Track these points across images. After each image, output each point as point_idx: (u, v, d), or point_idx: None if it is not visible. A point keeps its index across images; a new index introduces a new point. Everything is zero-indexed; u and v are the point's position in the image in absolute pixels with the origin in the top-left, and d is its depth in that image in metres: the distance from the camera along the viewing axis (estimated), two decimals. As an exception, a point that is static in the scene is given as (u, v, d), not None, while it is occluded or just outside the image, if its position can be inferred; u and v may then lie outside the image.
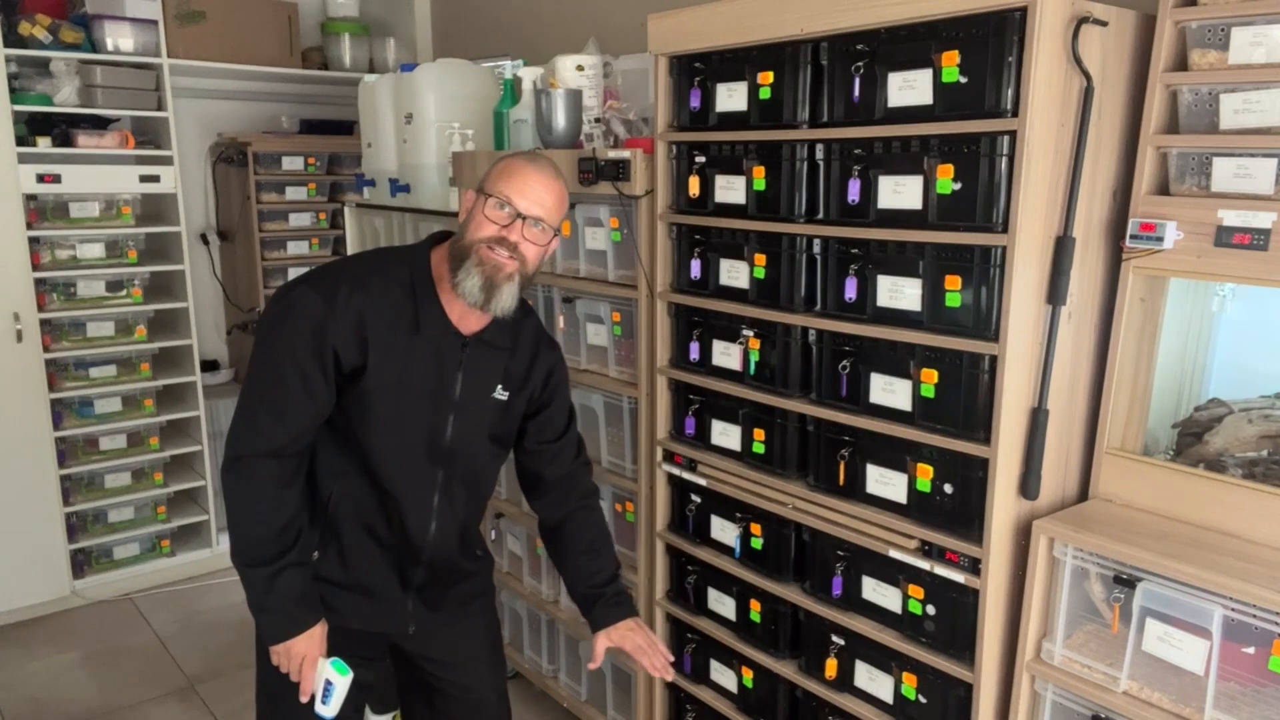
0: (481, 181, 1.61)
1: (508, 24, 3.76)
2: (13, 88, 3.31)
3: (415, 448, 1.67)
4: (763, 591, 2.14)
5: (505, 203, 1.56)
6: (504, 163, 1.61)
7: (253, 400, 1.59)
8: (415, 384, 1.63)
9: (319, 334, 1.54)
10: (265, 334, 1.60)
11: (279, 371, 1.56)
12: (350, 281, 1.58)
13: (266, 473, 1.58)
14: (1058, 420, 1.71)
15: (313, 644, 1.63)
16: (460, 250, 1.59)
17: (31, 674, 3.23)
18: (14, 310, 3.37)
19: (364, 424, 1.63)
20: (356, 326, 1.56)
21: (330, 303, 1.55)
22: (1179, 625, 1.50)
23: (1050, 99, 1.55)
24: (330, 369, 1.57)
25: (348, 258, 1.72)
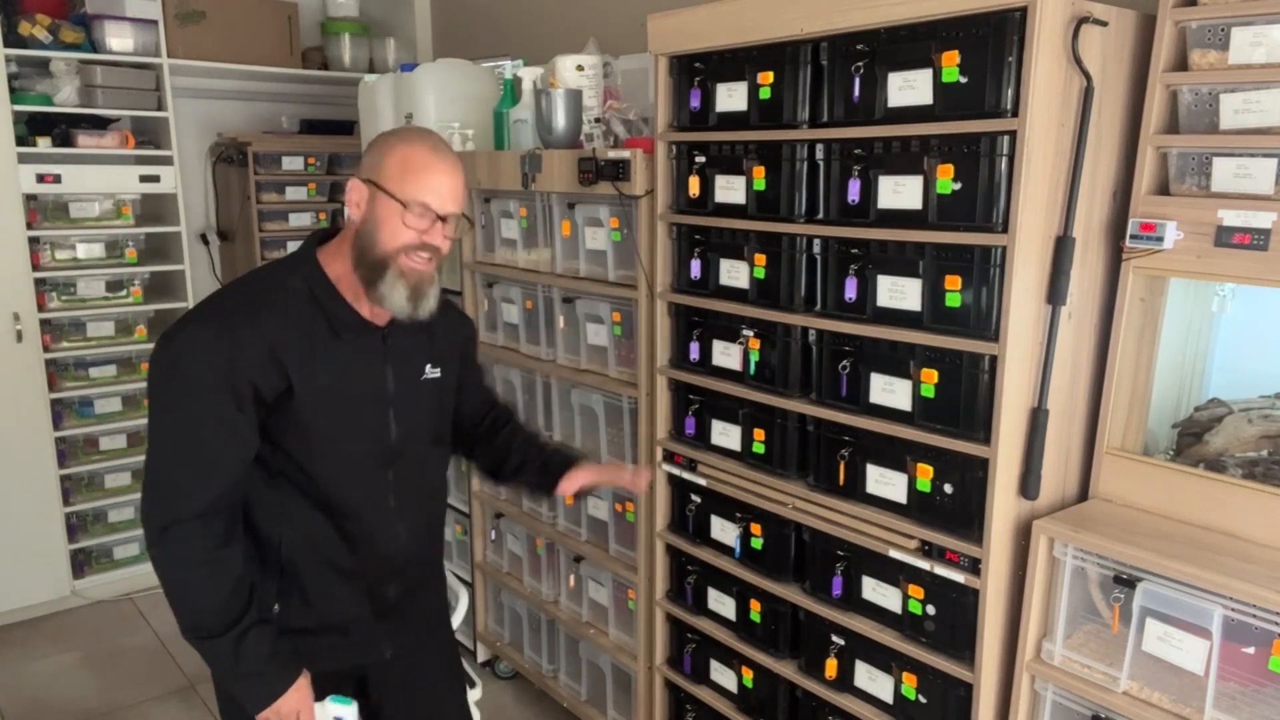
0: (378, 177, 1.47)
1: (508, 24, 3.76)
2: (13, 88, 3.31)
3: (363, 458, 1.58)
4: (763, 591, 2.14)
5: (423, 210, 1.47)
6: (403, 155, 1.47)
7: (167, 460, 1.45)
8: (348, 391, 1.54)
9: (228, 371, 1.42)
10: (164, 386, 1.45)
11: (191, 423, 1.43)
12: (244, 307, 1.47)
13: (200, 536, 1.44)
14: (1058, 420, 1.71)
15: (302, 696, 1.53)
16: (375, 262, 1.48)
17: (31, 674, 3.23)
18: (14, 310, 3.37)
19: (306, 449, 1.52)
20: (268, 351, 1.45)
21: (231, 336, 1.42)
22: (1179, 625, 1.50)
23: (1050, 99, 1.55)
24: (250, 405, 1.45)
25: (226, 286, 1.57)
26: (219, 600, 1.45)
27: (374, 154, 1.51)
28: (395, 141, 1.50)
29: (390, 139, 1.52)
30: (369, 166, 1.50)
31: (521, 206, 2.69)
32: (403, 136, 1.52)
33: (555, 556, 2.81)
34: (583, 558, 2.68)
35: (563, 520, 2.76)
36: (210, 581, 1.45)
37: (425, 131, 1.56)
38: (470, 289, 2.95)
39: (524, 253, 2.73)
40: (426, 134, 1.54)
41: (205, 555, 1.45)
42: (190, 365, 1.43)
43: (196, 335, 1.44)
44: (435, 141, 1.52)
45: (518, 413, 1.94)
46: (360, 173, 1.51)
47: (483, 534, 3.13)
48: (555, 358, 2.65)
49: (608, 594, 2.62)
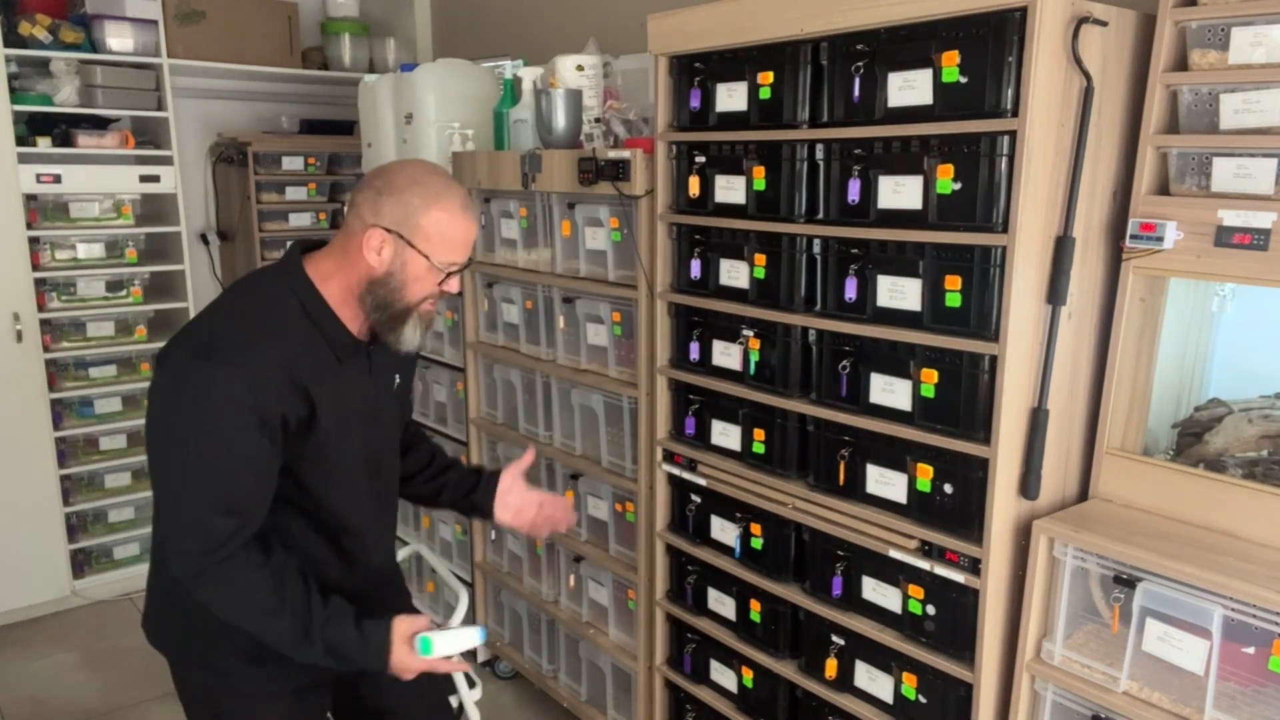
0: (410, 235, 1.45)
1: (508, 24, 3.76)
2: (13, 88, 3.31)
3: (359, 474, 1.59)
4: (763, 591, 2.14)
5: (449, 267, 1.49)
6: (439, 218, 1.46)
7: (195, 502, 1.40)
8: (350, 411, 1.54)
9: (256, 410, 1.39)
10: (180, 426, 1.40)
11: (220, 466, 1.39)
12: (255, 337, 1.43)
13: (241, 566, 1.42)
14: (1058, 420, 1.71)
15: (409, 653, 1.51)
16: (399, 313, 1.50)
17: (31, 674, 3.23)
18: (14, 310, 3.37)
19: (320, 472, 1.52)
20: (290, 381, 1.43)
21: (249, 373, 1.38)
22: (1179, 625, 1.50)
23: (1050, 99, 1.55)
24: (279, 437, 1.43)
25: (221, 306, 1.52)
26: (286, 607, 1.44)
27: (399, 205, 1.45)
28: (427, 196, 1.46)
29: (418, 193, 1.46)
30: (396, 218, 1.45)
31: (521, 206, 2.69)
32: (434, 191, 1.46)
33: (555, 556, 2.81)
34: (583, 558, 2.68)
35: (563, 520, 2.76)
36: (270, 599, 1.43)
37: (449, 181, 1.51)
38: (470, 289, 2.95)
39: (524, 253, 2.73)
40: (452, 185, 1.50)
41: (251, 581, 1.43)
42: (212, 407, 1.37)
43: (213, 375, 1.38)
44: (463, 196, 1.51)
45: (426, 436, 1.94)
46: (382, 221, 1.45)
47: (483, 534, 3.13)
48: (555, 358, 2.65)
49: (608, 594, 2.62)
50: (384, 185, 1.47)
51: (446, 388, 3.19)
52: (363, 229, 1.46)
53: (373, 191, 1.47)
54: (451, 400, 3.18)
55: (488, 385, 2.99)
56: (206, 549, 1.40)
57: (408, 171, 1.49)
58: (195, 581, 1.43)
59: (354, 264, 1.49)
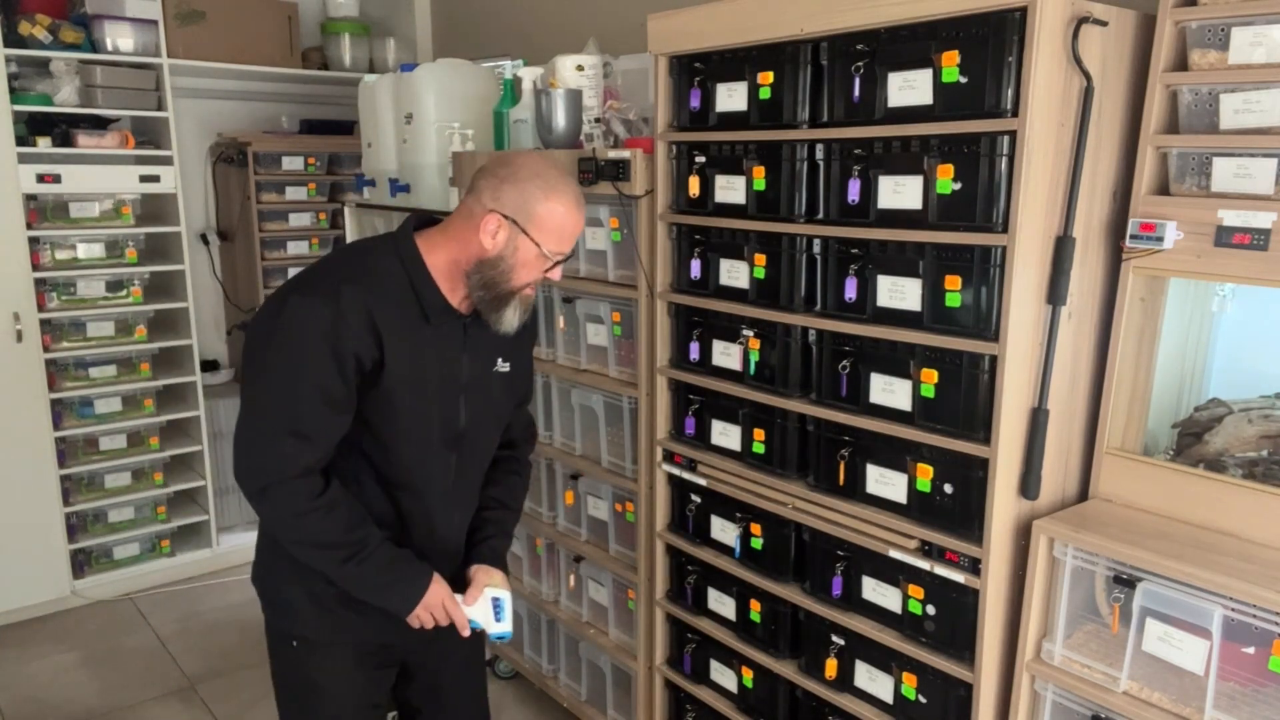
0: (526, 223, 1.55)
1: (508, 24, 3.76)
2: (13, 88, 3.31)
3: (434, 439, 1.65)
4: (763, 591, 2.14)
5: (556, 256, 1.59)
6: (554, 209, 1.55)
7: (270, 422, 1.51)
8: (428, 373, 1.61)
9: (334, 341, 1.49)
10: (269, 350, 1.52)
11: (296, 390, 1.49)
12: (348, 280, 1.53)
13: (303, 493, 1.52)
14: (1058, 420, 1.71)
15: (440, 589, 1.63)
16: (505, 294, 1.58)
17: (31, 674, 3.23)
18: (14, 310, 3.37)
19: (388, 423, 1.59)
20: (368, 323, 1.52)
21: (335, 306, 1.49)
22: (1179, 625, 1.50)
23: (1050, 99, 1.55)
24: (351, 376, 1.52)
25: (328, 257, 1.65)
26: (338, 536, 1.54)
27: (520, 194, 1.54)
28: (546, 189, 1.55)
29: (539, 184, 1.55)
30: (515, 206, 1.54)
31: (521, 206, 2.68)
32: (553, 184, 1.56)
33: (555, 556, 2.81)
34: (583, 558, 2.68)
35: (563, 520, 2.76)
36: (323, 524, 1.53)
37: (568, 177, 1.60)
38: (470, 289, 2.95)
39: (524, 253, 2.72)
40: (570, 182, 1.59)
41: (310, 505, 1.52)
42: (298, 333, 1.48)
43: (303, 304, 1.49)
44: (578, 192, 1.60)
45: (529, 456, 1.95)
46: (502, 207, 1.54)
47: (483, 534, 3.13)
48: (555, 358, 2.65)
49: (608, 594, 2.62)
50: (508, 174, 1.56)
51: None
52: (482, 212, 1.55)
53: (496, 179, 1.56)
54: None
55: (488, 385, 2.98)
56: (273, 467, 1.50)
57: (531, 165, 1.58)
58: (259, 497, 1.53)
59: (466, 243, 1.57)
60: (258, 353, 1.55)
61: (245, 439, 1.55)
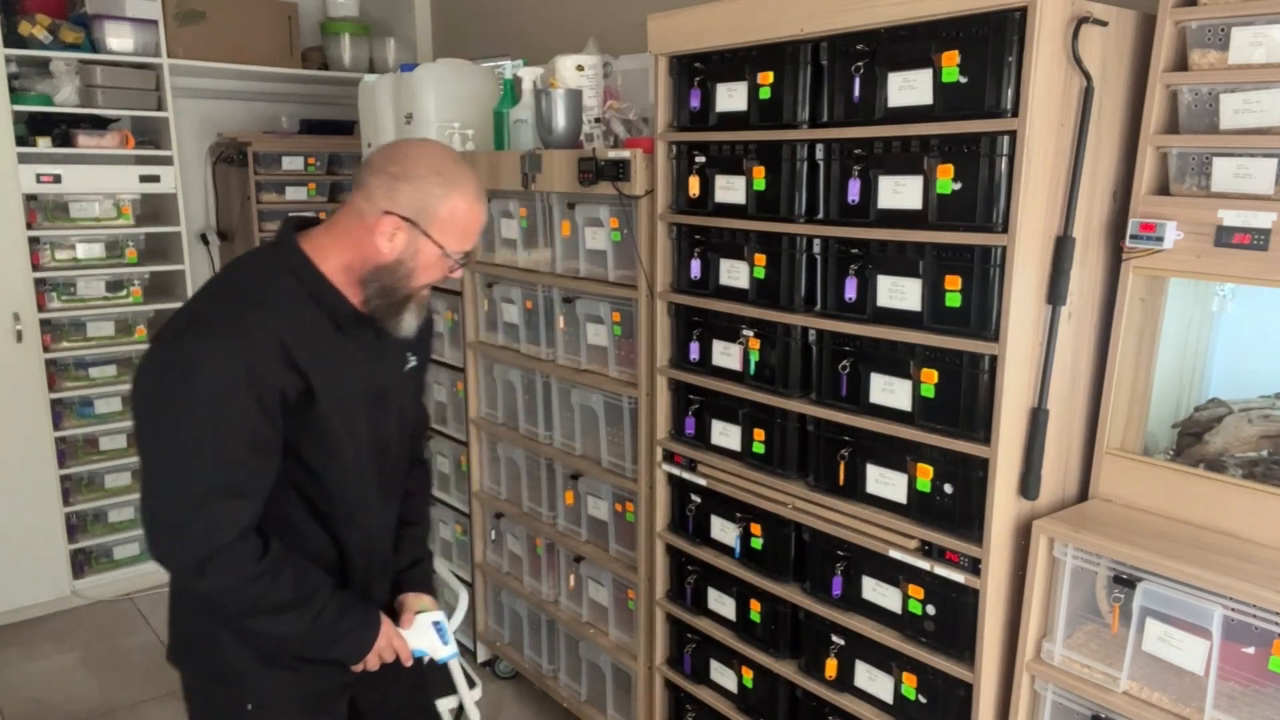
0: (426, 225, 1.43)
1: (508, 24, 3.76)
2: (13, 88, 3.31)
3: (365, 456, 1.54)
4: (763, 591, 2.14)
5: (459, 257, 1.47)
6: (454, 208, 1.43)
7: (195, 486, 1.33)
8: (354, 388, 1.49)
9: (251, 380, 1.33)
10: (173, 405, 1.32)
11: (219, 443, 1.33)
12: (248, 307, 1.38)
13: (247, 556, 1.37)
14: (1058, 420, 1.71)
15: (388, 626, 1.56)
16: (403, 298, 1.48)
17: (31, 674, 3.23)
18: (14, 310, 3.37)
19: (322, 452, 1.46)
20: (283, 351, 1.37)
21: (243, 339, 1.33)
22: (1179, 625, 1.50)
23: (1050, 99, 1.55)
24: (277, 414, 1.37)
25: (214, 285, 1.48)
26: (289, 598, 1.42)
27: (418, 194, 1.42)
28: (446, 185, 1.43)
29: (438, 181, 1.43)
30: (413, 207, 1.42)
31: (521, 206, 2.69)
32: (453, 180, 1.44)
33: (555, 556, 2.81)
34: (583, 558, 2.68)
35: (563, 520, 2.76)
36: (273, 588, 1.40)
37: (465, 167, 1.48)
38: (470, 289, 2.95)
39: (524, 253, 2.73)
40: (468, 173, 1.48)
41: (256, 569, 1.38)
42: (207, 378, 1.32)
43: (205, 345, 1.33)
44: (477, 184, 1.48)
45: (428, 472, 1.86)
46: (398, 208, 1.42)
47: (483, 534, 3.13)
48: (555, 358, 2.65)
49: (608, 594, 2.62)
50: (402, 171, 1.42)
51: (446, 388, 3.19)
52: (376, 214, 1.42)
53: (389, 176, 1.42)
54: (452, 400, 3.18)
55: (488, 385, 2.99)
56: (209, 535, 1.34)
57: (427, 159, 1.44)
58: (197, 573, 1.36)
59: (359, 246, 1.45)
60: (159, 409, 1.34)
61: (166, 511, 1.36)
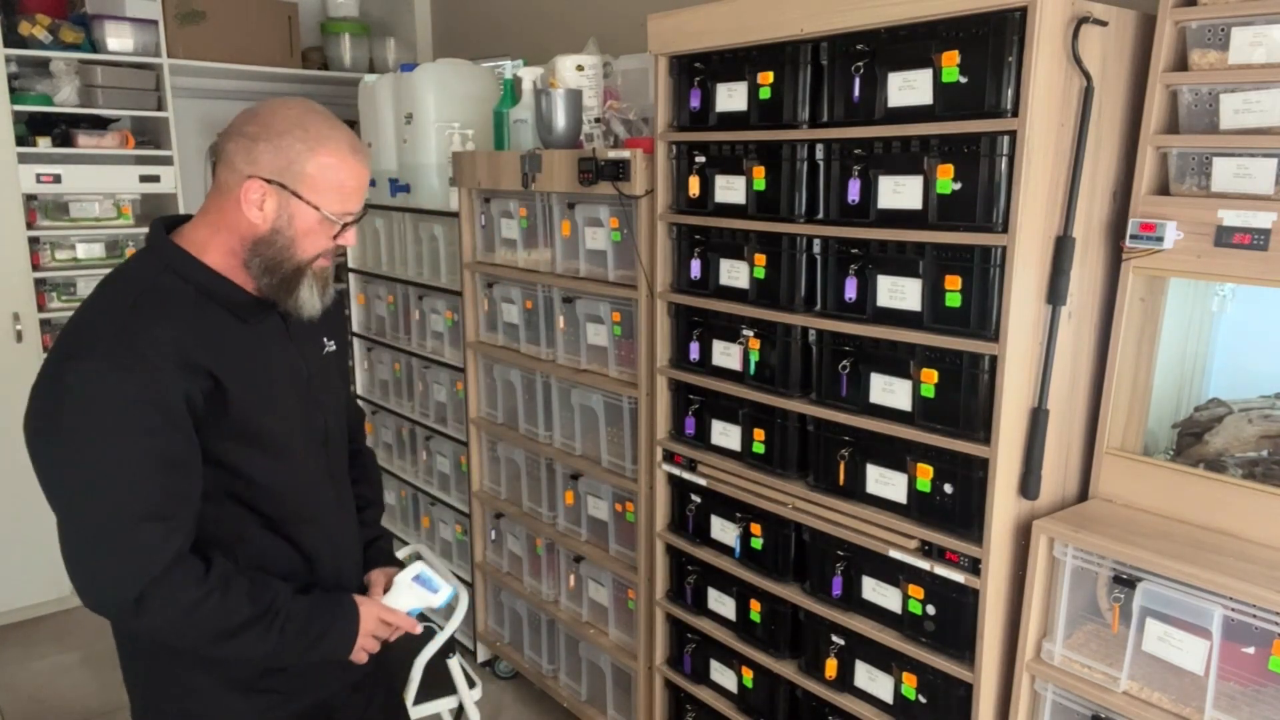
0: (294, 183, 1.30)
1: (508, 24, 3.76)
2: (13, 88, 3.31)
3: (304, 450, 1.45)
4: (763, 591, 2.14)
5: (341, 217, 1.35)
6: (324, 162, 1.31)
7: (113, 518, 1.23)
8: (272, 379, 1.39)
9: (151, 395, 1.22)
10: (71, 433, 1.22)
11: (130, 468, 1.23)
12: (132, 319, 1.26)
13: (189, 581, 1.26)
14: (1058, 420, 1.71)
15: (370, 611, 1.45)
16: (291, 273, 1.35)
17: (32, 674, 3.23)
18: (14, 310, 3.37)
19: (253, 454, 1.36)
20: (181, 356, 1.26)
21: (131, 355, 1.22)
22: (1179, 625, 1.50)
23: (1050, 99, 1.55)
24: (188, 425, 1.26)
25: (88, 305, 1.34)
26: (242, 617, 1.31)
27: (279, 152, 1.30)
28: (311, 140, 1.31)
29: (299, 135, 1.30)
30: (277, 167, 1.29)
31: (521, 206, 2.69)
32: (318, 134, 1.32)
33: (555, 556, 2.81)
34: (583, 558, 2.68)
35: (563, 520, 2.76)
36: (220, 612, 1.29)
37: (332, 120, 1.35)
38: (470, 289, 2.95)
39: (524, 253, 2.73)
40: (337, 125, 1.35)
41: (201, 591, 1.27)
42: (99, 405, 1.21)
43: (90, 371, 1.21)
44: (351, 137, 1.36)
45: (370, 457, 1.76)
46: (260, 170, 1.30)
47: (483, 534, 3.13)
48: (555, 358, 2.65)
49: (608, 594, 2.62)
50: (259, 131, 1.30)
51: (446, 388, 3.19)
52: (238, 182, 1.30)
53: (246, 139, 1.30)
54: (451, 400, 3.18)
55: (488, 385, 2.99)
56: (140, 567, 1.23)
57: (284, 113, 1.32)
58: (134, 610, 1.25)
59: (233, 224, 1.33)
60: (53, 445, 1.24)
61: (84, 551, 1.24)
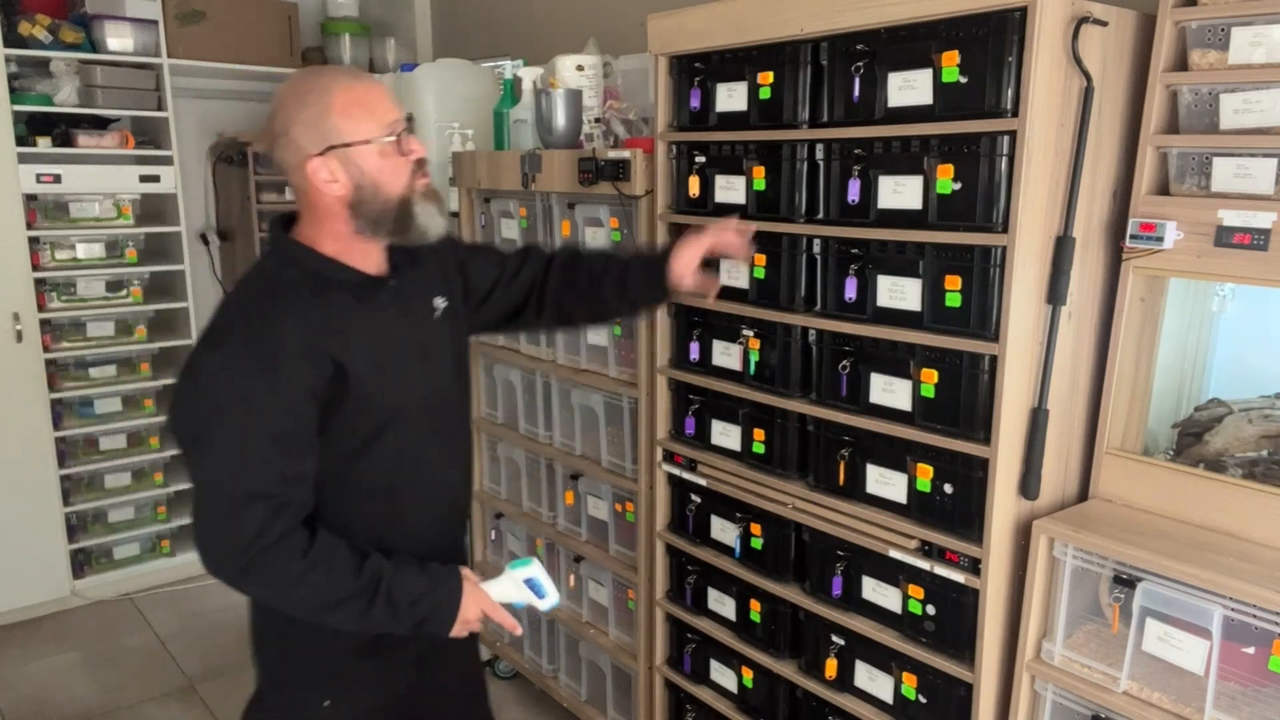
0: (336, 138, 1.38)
1: (508, 24, 3.76)
2: (13, 88, 3.31)
3: (418, 421, 1.52)
4: (763, 591, 2.14)
5: (392, 129, 1.41)
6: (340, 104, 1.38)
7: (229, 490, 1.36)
8: (390, 354, 1.47)
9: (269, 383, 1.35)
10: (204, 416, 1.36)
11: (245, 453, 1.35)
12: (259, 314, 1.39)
13: (291, 554, 1.37)
14: (1058, 420, 1.71)
15: (476, 598, 1.50)
16: (397, 208, 1.43)
17: (31, 674, 3.23)
18: (14, 310, 3.37)
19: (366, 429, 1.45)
20: (300, 346, 1.37)
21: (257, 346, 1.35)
22: (1179, 625, 1.50)
23: (1050, 99, 1.55)
24: (305, 410, 1.38)
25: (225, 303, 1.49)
26: (346, 588, 1.39)
27: (306, 127, 1.39)
28: (318, 95, 1.39)
29: (309, 102, 1.39)
30: (315, 138, 1.38)
31: (521, 206, 2.69)
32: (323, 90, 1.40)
33: (555, 556, 2.81)
34: (583, 558, 2.68)
35: (563, 520, 2.76)
36: (325, 580, 1.39)
37: (318, 71, 1.47)
38: (470, 289, 2.95)
39: (524, 253, 2.72)
40: (327, 70, 1.47)
41: (303, 564, 1.37)
42: (225, 390, 1.35)
43: (220, 359, 1.36)
44: (347, 71, 1.46)
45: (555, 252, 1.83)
46: (308, 150, 1.39)
47: (483, 534, 3.13)
48: (555, 358, 2.65)
49: (608, 594, 2.62)
50: (282, 124, 1.41)
51: (446, 388, 3.19)
52: (303, 172, 1.40)
53: (281, 137, 1.41)
54: (451, 400, 3.18)
55: (488, 385, 2.99)
56: (246, 541, 1.34)
57: (285, 96, 1.42)
58: (241, 578, 1.39)
59: (325, 209, 1.43)
60: (191, 424, 1.38)
61: (204, 521, 1.39)
